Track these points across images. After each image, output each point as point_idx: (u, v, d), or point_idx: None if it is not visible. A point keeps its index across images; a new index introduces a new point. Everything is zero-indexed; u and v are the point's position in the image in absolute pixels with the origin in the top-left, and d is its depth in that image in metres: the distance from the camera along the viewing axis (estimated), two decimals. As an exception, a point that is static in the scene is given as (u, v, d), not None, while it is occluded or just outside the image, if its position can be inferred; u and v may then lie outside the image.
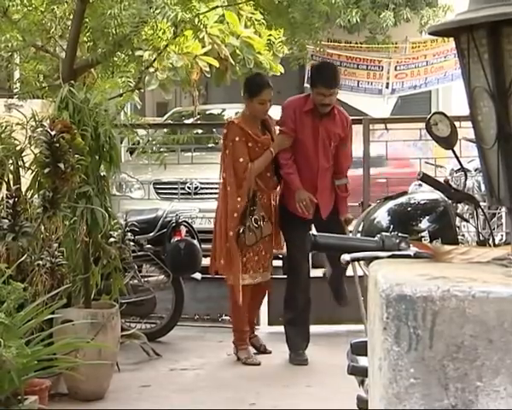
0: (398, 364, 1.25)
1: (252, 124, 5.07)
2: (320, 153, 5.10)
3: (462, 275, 1.33)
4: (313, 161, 5.12)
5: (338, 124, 5.15)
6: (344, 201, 5.24)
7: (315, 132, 5.08)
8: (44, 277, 4.24)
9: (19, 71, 5.84)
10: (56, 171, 4.14)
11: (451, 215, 3.06)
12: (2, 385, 3.11)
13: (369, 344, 1.51)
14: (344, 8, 5.99)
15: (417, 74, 9.45)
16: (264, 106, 5.00)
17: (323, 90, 4.94)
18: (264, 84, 5.02)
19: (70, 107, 4.47)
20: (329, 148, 5.12)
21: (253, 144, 5.02)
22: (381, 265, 1.48)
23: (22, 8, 4.88)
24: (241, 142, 4.97)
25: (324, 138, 5.11)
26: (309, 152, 5.11)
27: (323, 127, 5.10)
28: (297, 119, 5.08)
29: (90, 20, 5.12)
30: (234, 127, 5.02)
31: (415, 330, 1.25)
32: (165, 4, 4.66)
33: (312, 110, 5.07)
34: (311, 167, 5.13)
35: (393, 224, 2.93)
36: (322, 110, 5.02)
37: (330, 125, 5.11)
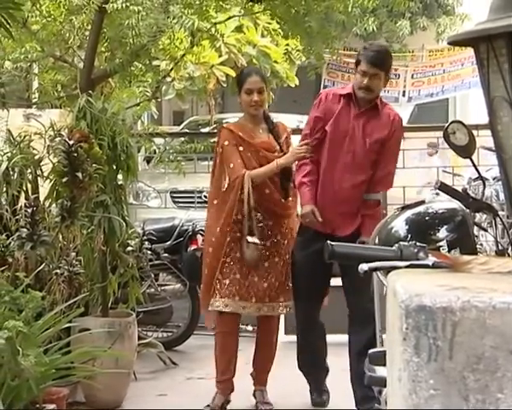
0: (418, 375, 1.24)
1: (247, 126, 4.33)
2: (349, 154, 4.07)
3: (483, 285, 1.32)
4: (339, 163, 4.09)
5: (382, 122, 4.10)
6: (368, 219, 4.06)
7: (346, 125, 4.07)
8: (62, 285, 4.27)
9: (37, 81, 5.89)
10: (74, 180, 4.16)
11: (470, 225, 3.04)
12: (20, 394, 3.12)
13: (387, 355, 1.50)
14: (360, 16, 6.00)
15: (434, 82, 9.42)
16: (252, 96, 4.20)
17: (365, 66, 3.99)
18: (250, 72, 4.38)
19: (88, 116, 4.50)
20: (364, 149, 4.06)
21: (244, 148, 4.24)
22: (399, 275, 1.48)
23: (41, 19, 4.92)
24: (230, 146, 4.24)
25: (358, 133, 4.07)
26: (336, 151, 4.09)
27: (361, 122, 4.07)
28: (328, 106, 4.11)
29: (108, 30, 5.16)
30: (224, 131, 4.33)
31: (434, 341, 1.24)
32: (183, 14, 4.69)
33: (349, 97, 4.08)
34: (334, 171, 4.11)
35: (411, 233, 2.92)
36: (361, 95, 4.02)
37: (372, 122, 4.08)
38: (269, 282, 4.25)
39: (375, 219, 4.01)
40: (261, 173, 4.23)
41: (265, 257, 4.24)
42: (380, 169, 4.11)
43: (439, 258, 1.85)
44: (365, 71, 3.99)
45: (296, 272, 4.25)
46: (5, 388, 3.09)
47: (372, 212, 4.10)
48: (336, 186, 4.10)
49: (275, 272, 4.27)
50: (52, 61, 5.37)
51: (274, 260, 4.27)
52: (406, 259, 2.14)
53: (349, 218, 4.11)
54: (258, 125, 4.34)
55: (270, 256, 4.27)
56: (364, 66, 4.00)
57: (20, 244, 4.14)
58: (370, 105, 4.08)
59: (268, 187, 4.26)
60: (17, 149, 4.64)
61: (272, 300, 4.27)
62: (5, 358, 3.07)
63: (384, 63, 4.05)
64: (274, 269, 4.27)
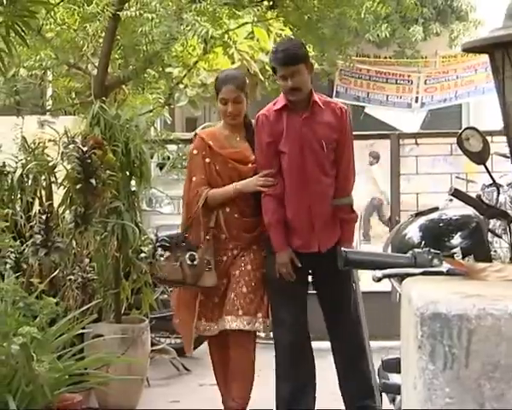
0: (434, 383, 1.24)
1: (221, 134, 3.99)
2: (309, 163, 3.79)
3: (498, 293, 1.31)
4: (302, 177, 3.81)
5: (327, 117, 3.82)
6: (347, 225, 3.87)
7: (298, 137, 3.79)
8: (76, 292, 4.28)
9: (51, 88, 5.92)
10: (88, 187, 4.18)
11: (484, 231, 3.03)
12: (35, 399, 3.13)
13: (402, 362, 1.49)
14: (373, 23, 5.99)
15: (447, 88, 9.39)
16: (227, 107, 3.88)
17: (281, 70, 3.74)
18: (225, 80, 3.92)
19: (101, 123, 4.53)
20: (322, 153, 3.79)
21: (212, 159, 3.91)
22: (414, 282, 1.47)
23: (56, 26, 4.94)
24: (198, 156, 3.93)
25: (311, 141, 3.78)
26: (295, 165, 3.80)
27: (307, 126, 3.79)
28: (272, 127, 3.81)
29: (122, 37, 5.18)
30: (196, 138, 4.04)
31: (450, 349, 1.24)
32: (196, 21, 4.70)
33: (287, 107, 3.80)
34: (301, 186, 3.81)
35: (425, 240, 2.91)
36: (293, 98, 3.74)
37: (316, 122, 3.80)
38: (238, 292, 3.83)
39: (351, 223, 3.92)
40: (217, 196, 3.89)
41: (237, 266, 3.89)
42: (340, 169, 3.85)
43: (453, 265, 1.85)
44: (283, 75, 3.75)
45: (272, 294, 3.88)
46: (20, 393, 3.11)
47: (349, 217, 3.89)
48: (306, 202, 3.82)
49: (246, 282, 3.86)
50: (66, 68, 5.39)
51: (246, 268, 3.87)
52: (420, 266, 2.13)
53: (328, 229, 3.85)
54: (237, 132, 3.99)
55: (242, 264, 3.89)
56: (280, 70, 3.77)
57: (34, 251, 4.16)
58: (309, 106, 3.80)
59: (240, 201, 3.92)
60: (31, 156, 4.67)
61: (246, 313, 3.81)
62: (20, 364, 3.08)
63: (296, 57, 3.75)
64: (244, 277, 3.86)
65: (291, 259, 3.77)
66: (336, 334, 3.93)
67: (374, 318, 5.95)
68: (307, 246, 3.84)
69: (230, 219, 3.91)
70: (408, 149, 6.87)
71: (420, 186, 6.41)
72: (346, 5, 5.24)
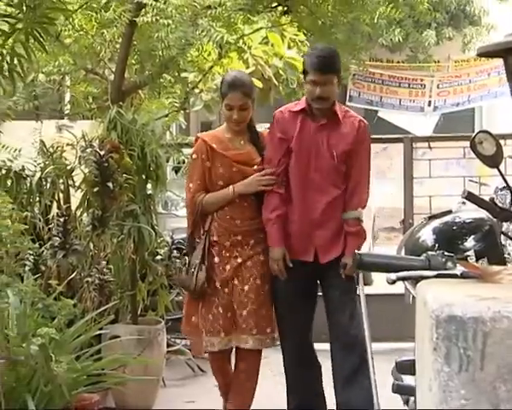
0: (449, 385, 1.23)
1: (224, 137, 3.83)
2: (315, 169, 3.69)
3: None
4: (306, 181, 3.71)
5: (346, 131, 3.72)
6: (352, 239, 3.70)
7: (310, 142, 3.69)
8: (93, 293, 4.30)
9: (69, 93, 5.94)
10: (105, 190, 4.20)
11: (497, 234, 3.02)
12: (53, 399, 3.15)
13: (417, 364, 1.49)
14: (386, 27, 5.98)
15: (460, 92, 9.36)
16: (232, 113, 3.72)
17: (314, 75, 3.62)
18: (232, 85, 3.73)
19: (118, 127, 4.54)
20: (332, 162, 3.68)
21: (214, 162, 3.76)
22: (429, 285, 1.47)
23: (74, 32, 4.97)
24: (197, 160, 3.79)
25: (323, 148, 3.69)
26: (303, 171, 3.71)
27: (323, 135, 3.69)
28: (286, 125, 3.73)
29: (138, 43, 5.20)
30: (198, 141, 3.88)
31: (465, 351, 1.23)
32: (211, 27, 4.70)
33: (305, 111, 3.71)
34: (304, 190, 3.71)
35: (439, 243, 2.90)
36: (317, 106, 3.66)
37: (335, 133, 3.70)
38: (249, 309, 3.70)
39: (358, 237, 3.72)
40: (213, 200, 3.75)
41: (246, 280, 3.74)
42: (351, 181, 3.73)
43: (467, 268, 1.84)
44: (315, 80, 3.62)
45: (278, 307, 3.81)
46: (38, 393, 3.12)
47: (355, 229, 3.71)
48: (310, 208, 3.70)
49: (256, 298, 3.72)
50: (84, 73, 5.42)
51: (255, 282, 3.73)
52: (434, 268, 2.13)
53: (330, 241, 3.71)
54: (240, 135, 3.83)
55: (250, 278, 3.74)
56: (313, 75, 3.63)
57: (52, 253, 4.18)
58: (329, 115, 3.70)
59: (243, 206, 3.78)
60: (50, 160, 4.70)
61: (259, 331, 3.71)
62: (38, 364, 3.10)
63: (333, 66, 3.65)
64: (254, 293, 3.73)
65: (284, 256, 3.69)
66: (337, 347, 3.81)
67: (387, 320, 5.95)
68: (301, 253, 3.73)
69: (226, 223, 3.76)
70: (421, 152, 6.85)
71: (433, 189, 6.39)
72: (360, 10, 5.23)
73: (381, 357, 5.18)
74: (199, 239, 3.78)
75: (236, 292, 3.72)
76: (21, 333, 3.16)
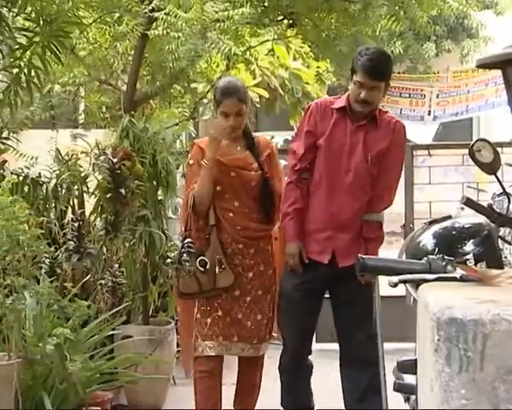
0: (450, 385, 1.23)
1: (222, 143, 3.56)
2: (349, 173, 3.38)
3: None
4: (339, 185, 3.39)
5: (382, 131, 3.42)
6: (371, 244, 3.42)
7: (343, 142, 3.38)
8: (106, 295, 4.30)
9: (84, 103, 5.96)
10: (118, 196, 4.20)
11: (496, 238, 3.01)
12: (68, 397, 3.15)
13: (419, 364, 1.48)
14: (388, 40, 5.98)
15: (459, 102, 9.33)
16: (228, 120, 3.48)
17: (363, 78, 3.29)
18: (227, 93, 3.51)
19: (130, 136, 4.55)
20: (365, 165, 3.38)
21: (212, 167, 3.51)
22: (430, 288, 1.46)
23: (88, 45, 4.99)
24: (194, 166, 3.57)
25: (358, 149, 3.38)
26: (333, 171, 3.40)
27: (359, 136, 3.39)
28: (320, 119, 3.40)
29: (150, 55, 5.21)
30: (194, 148, 3.65)
31: (465, 353, 1.22)
32: (219, 39, 4.71)
33: (345, 110, 3.39)
34: (334, 193, 3.39)
35: (439, 247, 2.89)
36: (358, 109, 3.35)
37: (371, 135, 3.41)
38: (253, 320, 3.56)
39: (377, 243, 3.46)
40: (199, 184, 3.49)
41: (247, 291, 3.56)
42: (380, 182, 3.41)
43: (467, 271, 1.83)
44: (363, 83, 3.31)
45: (284, 306, 3.55)
46: (54, 391, 3.12)
47: (375, 235, 3.43)
48: (335, 210, 3.39)
49: (259, 309, 3.57)
50: (98, 84, 5.43)
51: (257, 293, 3.57)
52: (435, 272, 2.11)
53: (351, 246, 3.39)
54: (237, 141, 3.62)
55: (252, 290, 3.57)
56: (362, 77, 3.30)
57: (67, 256, 4.18)
58: (368, 118, 3.41)
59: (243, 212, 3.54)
60: (65, 167, 4.71)
61: (261, 340, 3.59)
62: (54, 363, 3.10)
63: (384, 74, 3.35)
64: (257, 305, 3.57)
65: (300, 251, 3.40)
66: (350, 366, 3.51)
67: (389, 321, 5.90)
68: (316, 254, 3.43)
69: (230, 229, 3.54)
70: (421, 159, 6.83)
71: (432, 195, 6.38)
72: (363, 23, 5.23)
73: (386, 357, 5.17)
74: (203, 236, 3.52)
75: (238, 303, 3.55)
76: (38, 333, 3.16)
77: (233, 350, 3.56)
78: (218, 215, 3.52)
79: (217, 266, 3.46)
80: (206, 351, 3.53)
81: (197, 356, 3.56)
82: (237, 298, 3.54)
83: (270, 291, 3.61)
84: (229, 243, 3.54)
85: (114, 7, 4.96)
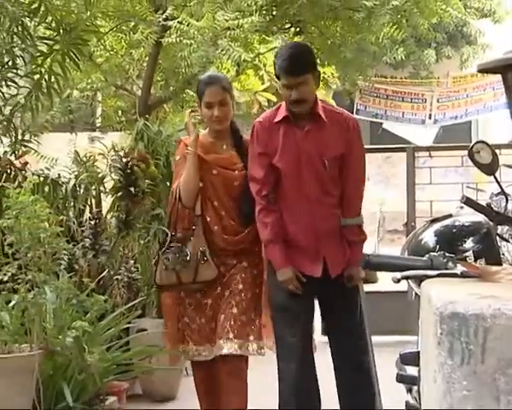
0: (452, 377, 1.21)
1: (206, 141, 3.25)
2: (308, 181, 3.05)
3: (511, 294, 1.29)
4: (301, 196, 3.06)
5: (332, 130, 3.06)
6: (355, 248, 3.08)
7: (297, 153, 3.04)
8: (122, 290, 4.31)
9: (101, 107, 5.98)
10: (128, 194, 4.21)
11: (494, 236, 2.99)
12: (86, 386, 3.15)
13: (422, 357, 1.47)
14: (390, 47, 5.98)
15: (458, 106, 9.30)
16: (212, 110, 3.15)
17: (287, 79, 2.96)
18: (209, 82, 3.20)
19: (145, 138, 4.57)
20: (324, 171, 3.05)
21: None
22: (433, 284, 1.45)
23: (105, 52, 5.00)
24: (183, 161, 3.23)
25: (313, 156, 3.04)
26: (295, 183, 3.05)
27: (310, 142, 3.04)
28: (268, 138, 3.06)
29: (163, 61, 5.23)
30: (180, 145, 3.30)
31: (467, 346, 1.21)
32: (230, 46, 4.72)
33: (288, 119, 3.04)
34: (301, 205, 3.06)
35: (440, 244, 2.87)
36: (297, 110, 3.00)
37: (323, 137, 3.05)
38: (228, 313, 3.13)
39: (360, 245, 3.11)
40: (185, 172, 3.17)
41: (227, 285, 3.18)
42: (348, 183, 3.09)
43: (468, 268, 1.82)
44: (287, 84, 2.97)
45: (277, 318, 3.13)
46: (73, 380, 3.13)
47: (358, 238, 3.11)
48: (311, 222, 3.06)
49: (236, 303, 3.15)
50: (114, 89, 5.45)
51: (237, 287, 3.17)
52: (436, 268, 2.11)
53: (337, 253, 3.10)
54: (223, 139, 3.26)
55: (232, 283, 3.18)
56: (285, 78, 2.98)
57: (83, 253, 4.20)
58: (313, 119, 3.05)
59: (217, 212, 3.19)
60: (83, 168, 4.72)
61: (239, 336, 3.10)
62: (73, 354, 3.10)
63: (304, 66, 2.99)
64: (235, 298, 3.15)
65: (296, 275, 3.04)
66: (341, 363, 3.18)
67: (391, 315, 5.92)
68: (311, 269, 3.09)
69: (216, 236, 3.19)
70: (422, 160, 6.81)
71: (433, 195, 6.36)
72: (366, 31, 5.23)
73: (386, 349, 5.16)
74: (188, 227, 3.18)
75: (219, 299, 3.19)
76: (58, 326, 3.16)
77: (213, 350, 3.14)
78: (203, 206, 3.18)
79: (199, 258, 3.12)
80: (195, 357, 3.21)
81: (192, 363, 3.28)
82: (219, 295, 3.19)
83: (251, 290, 3.18)
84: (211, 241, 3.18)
85: (130, 16, 4.97)
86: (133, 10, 4.94)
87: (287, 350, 3.08)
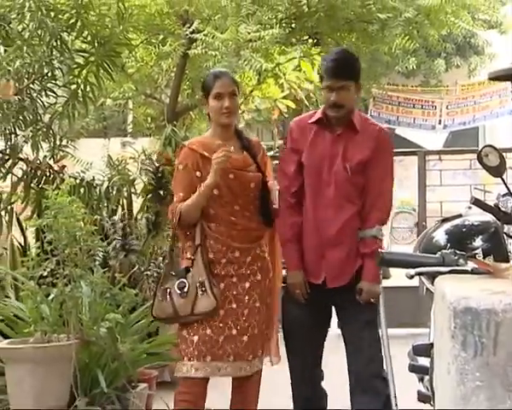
0: (465, 368, 1.20)
1: (214, 143, 2.90)
2: (331, 186, 2.88)
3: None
4: (322, 199, 2.90)
5: (361, 139, 2.91)
6: (368, 260, 2.82)
7: (323, 155, 2.90)
8: (152, 285, 4.32)
9: (132, 114, 6.01)
10: (158, 196, 4.23)
11: (502, 235, 2.96)
12: (119, 374, 3.16)
13: (435, 350, 1.46)
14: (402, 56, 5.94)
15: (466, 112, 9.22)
16: (222, 101, 2.86)
17: (329, 81, 2.86)
18: (218, 74, 2.96)
19: (173, 143, 4.57)
20: (346, 175, 2.87)
21: (203, 172, 2.86)
22: (446, 280, 1.43)
23: (136, 63, 5.02)
24: (184, 171, 2.89)
25: (336, 160, 2.88)
26: (315, 183, 2.91)
27: (338, 146, 2.90)
28: (300, 137, 2.96)
29: (190, 71, 5.23)
30: (184, 151, 2.95)
31: (480, 339, 1.20)
32: (252, 57, 4.72)
33: (322, 121, 2.94)
34: (318, 209, 2.90)
35: (450, 242, 2.85)
36: (332, 114, 2.88)
37: (351, 144, 2.90)
38: (250, 334, 2.85)
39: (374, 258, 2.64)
40: (190, 205, 2.83)
41: (245, 303, 2.86)
42: (370, 192, 2.89)
43: (478, 265, 1.79)
44: (330, 85, 2.86)
45: (287, 327, 2.98)
46: (107, 368, 3.14)
47: (370, 250, 2.79)
48: (321, 227, 2.88)
49: (257, 322, 2.87)
50: (144, 98, 5.47)
51: (255, 305, 2.87)
52: (448, 265, 2.08)
53: (341, 264, 2.87)
54: (229, 141, 2.94)
55: (249, 301, 2.87)
56: (328, 80, 2.86)
57: (114, 254, 4.22)
58: (346, 125, 2.91)
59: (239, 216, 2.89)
60: (115, 171, 4.73)
61: (256, 356, 2.87)
62: (107, 344, 3.12)
63: (349, 72, 2.87)
64: (255, 317, 2.87)
65: (304, 281, 2.88)
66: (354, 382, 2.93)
67: (404, 309, 5.88)
68: (311, 275, 2.90)
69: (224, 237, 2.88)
70: (433, 164, 6.77)
71: (443, 196, 6.32)
72: (380, 42, 5.20)
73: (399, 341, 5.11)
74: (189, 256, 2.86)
75: (234, 316, 2.85)
76: (92, 318, 3.18)
77: (228, 371, 2.83)
78: (205, 233, 2.86)
79: (198, 289, 2.79)
80: (191, 373, 2.81)
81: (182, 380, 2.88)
82: (234, 311, 2.85)
83: (266, 303, 2.94)
84: (225, 251, 2.87)
85: (159, 29, 4.99)
86: (162, 24, 4.96)
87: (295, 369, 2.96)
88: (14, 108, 3.54)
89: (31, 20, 3.43)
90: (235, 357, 2.83)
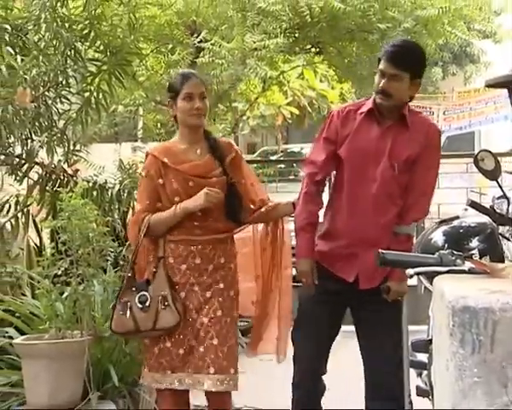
0: (463, 365, 1.19)
1: (178, 148, 2.71)
2: (375, 182, 2.59)
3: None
4: (364, 196, 2.60)
5: (413, 134, 2.60)
6: None
7: (369, 148, 2.59)
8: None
9: (142, 120, 6.01)
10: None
11: (498, 236, 2.95)
12: (130, 369, 3.16)
13: (434, 347, 1.45)
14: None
15: (462, 118, 9.22)
16: (193, 102, 2.63)
17: (383, 64, 2.55)
18: (188, 75, 2.73)
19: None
20: (394, 175, 2.59)
21: (167, 178, 2.66)
22: (445, 280, 1.43)
23: (146, 71, 5.03)
24: (147, 178, 2.71)
25: (384, 155, 2.59)
26: (357, 177, 2.60)
27: (388, 141, 2.59)
28: (341, 125, 2.63)
29: (198, 79, 5.23)
30: (148, 158, 2.75)
31: (477, 337, 1.19)
32: (257, 65, 4.73)
33: (372, 112, 2.61)
34: (358, 206, 2.60)
35: (448, 243, 2.83)
36: (378, 101, 2.58)
37: (400, 139, 2.60)
38: (207, 344, 2.59)
39: None
40: (158, 220, 2.64)
41: (205, 312, 2.63)
42: (413, 190, 2.61)
43: (476, 265, 1.78)
44: (383, 70, 2.55)
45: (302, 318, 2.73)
46: (118, 364, 3.14)
47: (403, 249, 2.50)
48: (358, 226, 2.60)
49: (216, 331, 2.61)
50: (154, 104, 5.48)
51: (216, 314, 2.63)
52: (446, 265, 2.07)
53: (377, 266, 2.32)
54: (197, 143, 2.71)
55: (210, 310, 2.64)
56: (383, 64, 2.55)
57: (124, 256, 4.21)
58: (397, 118, 2.61)
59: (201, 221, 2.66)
60: (126, 175, 4.73)
61: (220, 371, 2.58)
62: (118, 340, 3.12)
63: (406, 62, 2.54)
64: (215, 327, 2.62)
65: (312, 270, 2.61)
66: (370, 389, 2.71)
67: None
68: (343, 272, 2.65)
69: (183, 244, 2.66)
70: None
71: (441, 198, 6.28)
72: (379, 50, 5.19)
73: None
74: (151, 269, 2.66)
75: (193, 326, 2.64)
76: (105, 315, 3.18)
77: (189, 383, 2.62)
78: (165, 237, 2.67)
79: (160, 303, 2.58)
80: (155, 384, 2.68)
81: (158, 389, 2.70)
82: (194, 321, 2.64)
83: (231, 315, 2.67)
84: (185, 257, 2.66)
85: (168, 39, 5.00)
86: (171, 34, 4.97)
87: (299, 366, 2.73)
88: (31, 114, 3.55)
89: (46, 31, 3.45)
90: (194, 369, 2.61)
